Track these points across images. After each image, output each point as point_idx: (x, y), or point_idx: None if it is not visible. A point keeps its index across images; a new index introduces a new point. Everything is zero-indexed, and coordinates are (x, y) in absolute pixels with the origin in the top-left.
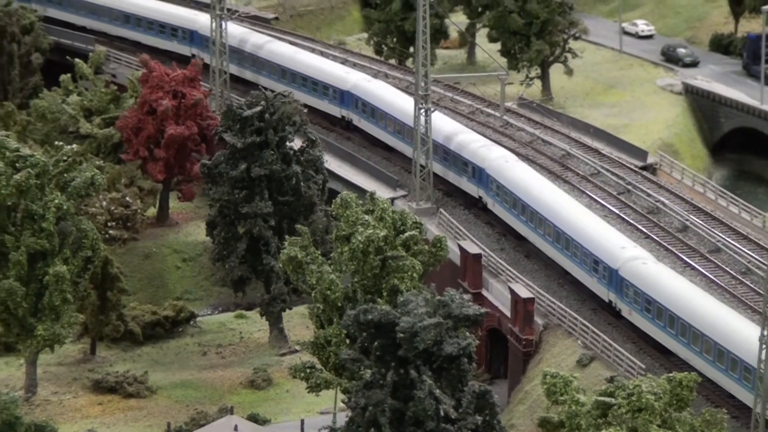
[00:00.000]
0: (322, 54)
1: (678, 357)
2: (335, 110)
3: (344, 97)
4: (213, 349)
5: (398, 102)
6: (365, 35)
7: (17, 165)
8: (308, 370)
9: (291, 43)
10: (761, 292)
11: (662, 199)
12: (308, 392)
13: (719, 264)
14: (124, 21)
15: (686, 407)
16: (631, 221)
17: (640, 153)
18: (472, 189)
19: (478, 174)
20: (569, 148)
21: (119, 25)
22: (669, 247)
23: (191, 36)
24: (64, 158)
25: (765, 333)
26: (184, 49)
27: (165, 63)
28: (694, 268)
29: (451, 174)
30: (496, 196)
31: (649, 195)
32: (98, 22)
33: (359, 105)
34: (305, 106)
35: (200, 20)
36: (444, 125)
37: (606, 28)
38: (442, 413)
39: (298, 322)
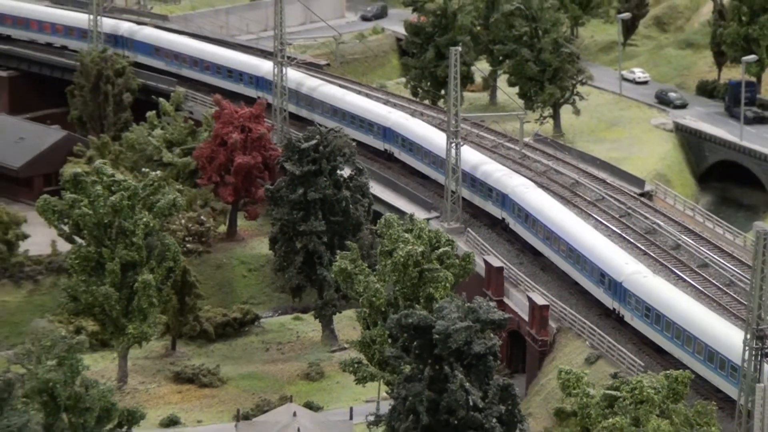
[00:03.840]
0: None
1: (672, 356)
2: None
3: None
4: (274, 346)
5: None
6: (403, 80)
7: (112, 188)
8: (356, 365)
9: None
10: (744, 301)
11: (658, 221)
12: (356, 384)
13: (707, 277)
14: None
15: (681, 400)
16: (632, 240)
17: (638, 182)
18: (606, 300)
19: (614, 286)
20: (578, 177)
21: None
22: (664, 262)
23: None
24: (151, 183)
25: (748, 337)
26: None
27: (234, 102)
28: (685, 281)
29: (575, 272)
30: (635, 311)
31: (646, 218)
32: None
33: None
34: None
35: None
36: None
37: (608, 75)
38: (471, 403)
39: (347, 324)
